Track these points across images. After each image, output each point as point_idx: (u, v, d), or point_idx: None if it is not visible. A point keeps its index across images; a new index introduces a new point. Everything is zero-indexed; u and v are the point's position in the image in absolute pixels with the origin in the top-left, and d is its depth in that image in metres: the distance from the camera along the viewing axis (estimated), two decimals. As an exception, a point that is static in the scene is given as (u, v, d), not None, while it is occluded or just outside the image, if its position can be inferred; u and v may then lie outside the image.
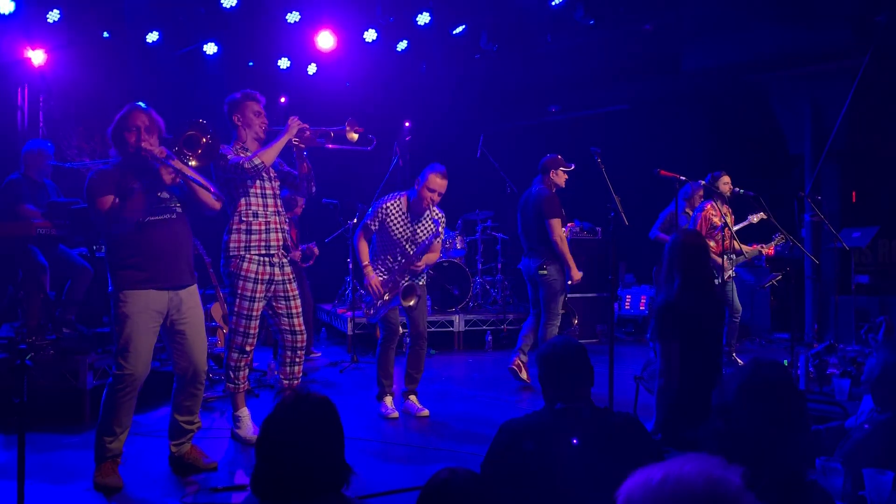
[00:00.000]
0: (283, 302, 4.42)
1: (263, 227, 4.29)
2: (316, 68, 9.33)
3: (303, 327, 4.51)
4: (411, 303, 4.93)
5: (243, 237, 4.27)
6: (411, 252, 5.01)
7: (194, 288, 3.83)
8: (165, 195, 3.67)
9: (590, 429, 2.34)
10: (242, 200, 4.29)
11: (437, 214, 5.11)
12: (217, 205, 3.80)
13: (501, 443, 2.40)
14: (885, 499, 2.20)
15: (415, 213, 5.01)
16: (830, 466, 2.30)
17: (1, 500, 3.42)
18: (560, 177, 5.97)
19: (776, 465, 1.78)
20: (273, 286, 4.37)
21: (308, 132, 4.39)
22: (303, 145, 4.38)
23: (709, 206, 6.35)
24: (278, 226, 4.36)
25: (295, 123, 4.34)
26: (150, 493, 3.58)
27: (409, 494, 3.49)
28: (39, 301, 5.34)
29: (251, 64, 9.26)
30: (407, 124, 10.72)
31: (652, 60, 8.83)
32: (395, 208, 4.97)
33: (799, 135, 8.65)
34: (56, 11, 7.25)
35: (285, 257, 4.42)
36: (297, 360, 4.53)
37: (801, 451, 1.90)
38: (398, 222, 4.98)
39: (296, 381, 4.59)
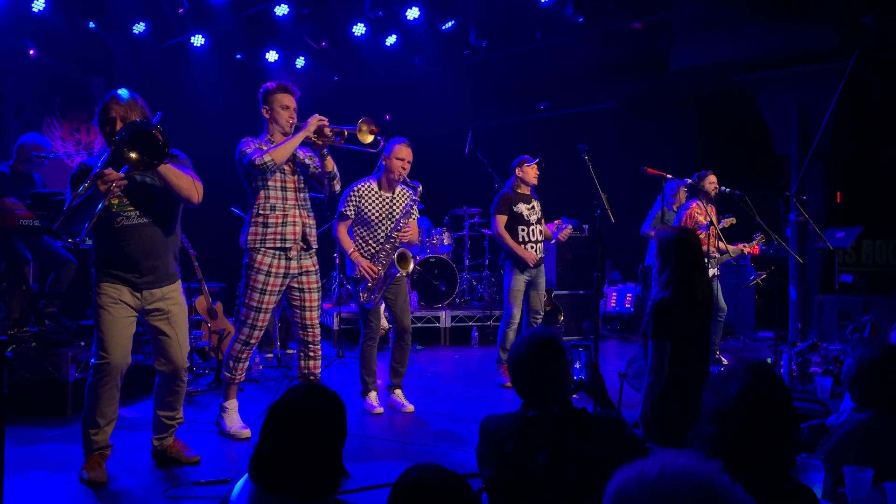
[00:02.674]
0: (298, 293, 4.39)
1: (280, 221, 4.24)
2: (304, 62, 9.29)
3: (314, 321, 4.46)
4: (409, 268, 4.88)
5: (259, 230, 4.24)
6: (393, 233, 4.96)
7: (175, 286, 3.75)
8: (125, 200, 3.51)
9: (567, 434, 2.28)
10: (262, 193, 4.25)
11: (408, 195, 5.04)
12: (195, 199, 3.61)
13: (482, 441, 2.39)
14: (864, 496, 2.22)
15: (387, 188, 4.98)
16: (811, 464, 2.32)
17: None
18: (527, 172, 5.97)
19: (764, 465, 1.79)
20: (288, 279, 4.33)
21: (327, 129, 4.30)
22: (320, 142, 4.29)
23: (694, 205, 6.38)
24: (297, 219, 4.31)
25: (315, 120, 4.24)
26: (132, 486, 3.55)
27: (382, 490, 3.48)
28: (22, 293, 5.30)
29: (239, 57, 9.21)
30: (388, 117, 10.70)
31: (640, 59, 8.86)
32: (366, 190, 4.92)
33: (785, 135, 8.70)
34: (41, 0, 7.18)
35: (305, 250, 4.37)
36: (311, 354, 4.48)
37: (790, 452, 1.90)
38: (373, 202, 4.92)
39: (312, 378, 4.51)
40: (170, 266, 3.71)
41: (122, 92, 3.59)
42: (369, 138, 4.45)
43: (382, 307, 7.93)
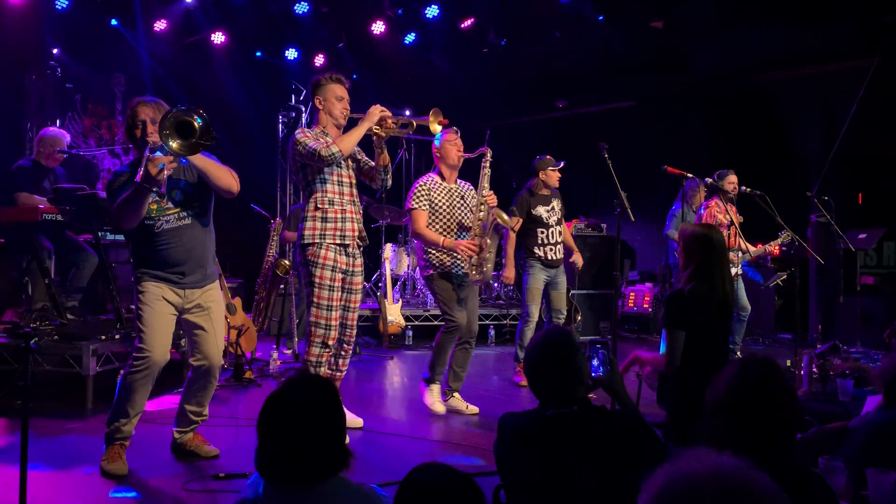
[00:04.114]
0: (345, 294, 4.30)
1: (339, 216, 4.16)
2: (323, 59, 9.32)
3: (355, 321, 4.37)
4: (506, 217, 4.83)
5: (319, 225, 4.14)
6: (468, 218, 4.86)
7: (215, 285, 3.80)
8: (168, 203, 3.57)
9: (585, 432, 2.26)
10: (318, 187, 4.16)
11: (469, 188, 5.04)
12: (235, 188, 3.63)
13: (500, 438, 2.38)
14: (887, 499, 2.20)
15: (450, 179, 4.94)
16: (833, 465, 2.30)
17: (3, 484, 3.43)
18: (550, 176, 5.92)
19: (769, 461, 1.78)
20: (346, 276, 4.26)
21: (389, 120, 4.21)
22: (383, 134, 4.18)
23: (713, 203, 6.34)
24: (354, 215, 4.24)
25: (376, 111, 4.16)
26: (152, 479, 3.58)
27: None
28: (44, 286, 5.36)
29: (259, 54, 9.26)
30: (407, 113, 10.71)
31: (660, 58, 8.81)
32: (432, 183, 4.87)
33: (806, 135, 8.62)
34: (65, -1, 7.28)
35: (359, 248, 4.30)
36: (343, 353, 4.39)
37: (794, 447, 1.91)
38: (442, 193, 4.87)
39: (339, 374, 4.46)
40: (209, 265, 3.75)
41: (147, 97, 3.64)
42: (438, 129, 4.41)
43: (399, 304, 7.98)
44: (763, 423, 1.83)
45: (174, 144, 3.24)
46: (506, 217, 4.82)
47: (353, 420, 4.46)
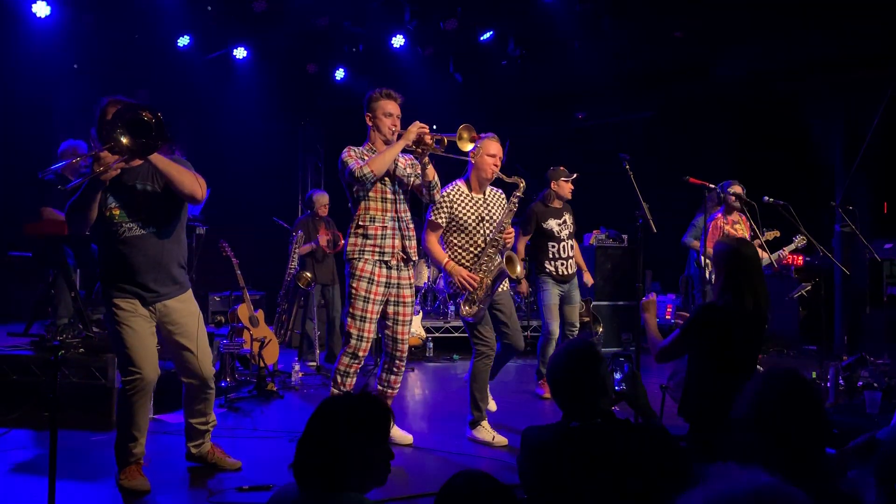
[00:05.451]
0: (393, 307, 4.27)
1: (380, 233, 4.16)
2: (344, 73, 9.40)
3: (406, 336, 4.32)
4: (518, 270, 4.51)
5: (359, 241, 4.17)
6: (490, 234, 4.48)
7: (186, 296, 3.70)
8: (130, 211, 3.48)
9: (610, 445, 2.25)
10: (362, 204, 4.18)
11: (501, 196, 4.71)
12: (199, 194, 3.51)
13: (523, 452, 2.38)
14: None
15: (478, 189, 4.58)
16: (862, 480, 2.26)
17: (31, 497, 3.47)
18: (562, 187, 5.86)
19: (796, 475, 1.76)
20: (390, 289, 4.23)
21: (428, 137, 4.13)
22: (419, 150, 4.13)
23: (719, 216, 6.32)
24: (397, 231, 4.20)
25: (415, 128, 4.11)
26: (176, 493, 3.60)
27: (427, 499, 3.48)
28: (70, 299, 5.44)
29: (280, 69, 9.35)
30: (434, 127, 10.78)
31: (681, 67, 8.78)
32: (456, 193, 4.52)
33: (830, 144, 8.54)
34: (88, 15, 7.38)
35: (405, 262, 4.26)
36: (395, 369, 4.34)
37: (823, 461, 1.88)
38: (466, 206, 4.51)
39: (390, 391, 4.39)
40: (177, 275, 3.64)
41: (119, 97, 3.56)
42: (469, 145, 4.23)
43: (419, 316, 7.98)
44: (791, 437, 1.81)
45: (125, 140, 3.16)
46: (519, 269, 4.54)
47: (402, 437, 4.43)
